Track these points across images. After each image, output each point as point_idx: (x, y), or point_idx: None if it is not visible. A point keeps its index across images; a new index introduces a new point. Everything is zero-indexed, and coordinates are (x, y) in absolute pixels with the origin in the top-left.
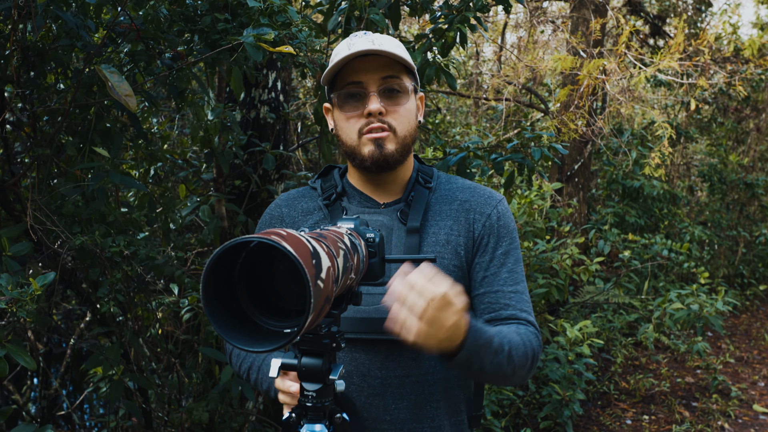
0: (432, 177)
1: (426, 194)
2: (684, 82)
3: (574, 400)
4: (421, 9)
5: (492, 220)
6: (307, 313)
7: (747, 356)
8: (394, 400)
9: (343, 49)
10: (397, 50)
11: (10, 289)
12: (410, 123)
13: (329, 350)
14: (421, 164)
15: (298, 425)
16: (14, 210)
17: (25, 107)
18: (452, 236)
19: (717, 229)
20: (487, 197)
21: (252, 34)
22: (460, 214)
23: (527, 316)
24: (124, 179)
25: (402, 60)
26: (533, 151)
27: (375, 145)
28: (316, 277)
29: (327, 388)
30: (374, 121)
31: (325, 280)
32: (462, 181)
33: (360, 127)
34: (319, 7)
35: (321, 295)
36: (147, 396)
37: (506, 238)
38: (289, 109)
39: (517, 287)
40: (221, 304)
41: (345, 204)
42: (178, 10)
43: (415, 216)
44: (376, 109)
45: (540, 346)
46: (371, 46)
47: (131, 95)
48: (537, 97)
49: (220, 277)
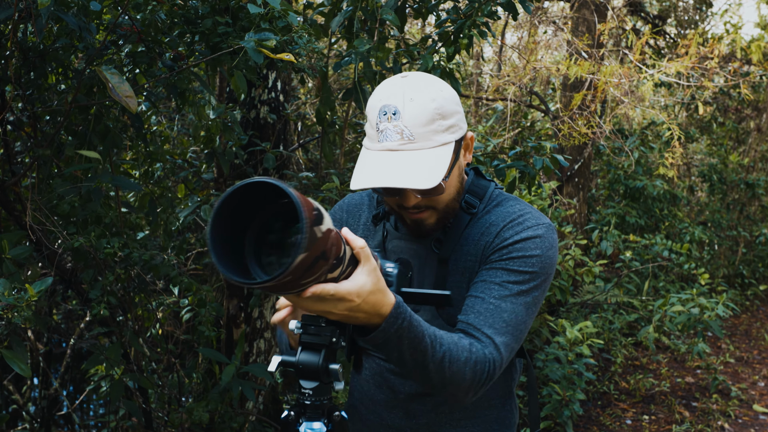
0: (482, 198)
1: (466, 220)
2: (688, 84)
3: (574, 400)
4: (426, 12)
5: (508, 242)
6: (298, 248)
7: (747, 356)
8: (415, 416)
9: (372, 136)
10: (430, 138)
11: (6, 295)
12: (452, 195)
13: (329, 344)
14: (477, 179)
15: (297, 423)
16: (14, 210)
17: (25, 107)
18: (471, 262)
19: (717, 229)
20: (519, 222)
21: (254, 39)
22: (483, 238)
23: (493, 334)
24: (117, 180)
25: (440, 168)
26: (535, 161)
27: (414, 223)
28: (313, 222)
29: (324, 387)
30: (411, 207)
31: (324, 234)
32: (513, 204)
33: (398, 202)
34: (320, 8)
35: (316, 242)
36: (147, 396)
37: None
38: (290, 109)
39: (502, 303)
40: (225, 238)
41: (389, 226)
42: (179, 12)
43: (448, 245)
44: (412, 204)
45: (491, 373)
46: (399, 147)
47: (132, 96)
48: (538, 98)
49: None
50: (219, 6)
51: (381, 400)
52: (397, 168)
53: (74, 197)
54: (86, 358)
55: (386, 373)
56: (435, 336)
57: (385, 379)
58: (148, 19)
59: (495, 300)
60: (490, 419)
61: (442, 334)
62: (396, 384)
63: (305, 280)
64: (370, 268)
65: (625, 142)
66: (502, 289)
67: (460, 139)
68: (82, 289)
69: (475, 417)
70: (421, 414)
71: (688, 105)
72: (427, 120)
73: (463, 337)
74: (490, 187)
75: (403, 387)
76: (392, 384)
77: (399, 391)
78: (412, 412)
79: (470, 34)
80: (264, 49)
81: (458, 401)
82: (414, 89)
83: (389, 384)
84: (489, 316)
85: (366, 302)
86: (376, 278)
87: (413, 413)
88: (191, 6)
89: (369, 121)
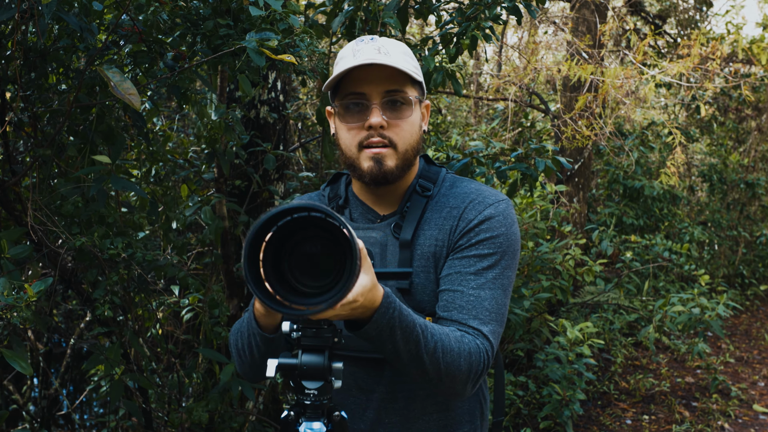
0: (436, 182)
1: (422, 203)
2: (689, 84)
3: (574, 400)
4: (426, 11)
5: (473, 224)
6: (352, 274)
7: (747, 356)
8: (387, 415)
9: (347, 55)
10: (404, 60)
11: (6, 295)
12: (412, 136)
13: (331, 345)
14: (428, 166)
15: (297, 423)
16: (14, 210)
17: (26, 108)
18: (437, 247)
19: (717, 229)
20: (479, 201)
21: (255, 39)
22: (446, 222)
23: (479, 325)
24: (126, 184)
25: (408, 71)
26: (537, 163)
27: (374, 161)
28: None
29: (327, 386)
30: (375, 134)
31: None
32: (467, 184)
33: (360, 140)
34: (321, 8)
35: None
36: (147, 396)
37: (488, 243)
38: (290, 110)
39: (481, 292)
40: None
41: (346, 217)
42: (180, 12)
43: (408, 229)
44: (377, 123)
45: (486, 362)
46: (376, 56)
47: (135, 94)
48: (539, 98)
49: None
50: (220, 8)
51: (350, 403)
52: (372, 59)
53: (78, 198)
54: (86, 358)
55: (358, 373)
56: (425, 326)
57: (355, 380)
58: (150, 20)
59: (474, 291)
60: (462, 411)
61: (433, 325)
62: (367, 384)
63: None
64: (368, 265)
65: (624, 142)
66: (478, 277)
67: (420, 97)
68: (83, 289)
69: (448, 410)
70: (393, 412)
71: (688, 105)
72: (402, 50)
73: (453, 330)
74: (442, 171)
75: (376, 386)
76: (363, 385)
77: (371, 390)
78: (384, 411)
79: (474, 35)
80: (265, 50)
81: (458, 395)
82: (383, 39)
83: (359, 386)
84: (471, 308)
85: (366, 299)
86: (372, 274)
87: (386, 412)
88: (193, 7)
89: (342, 57)
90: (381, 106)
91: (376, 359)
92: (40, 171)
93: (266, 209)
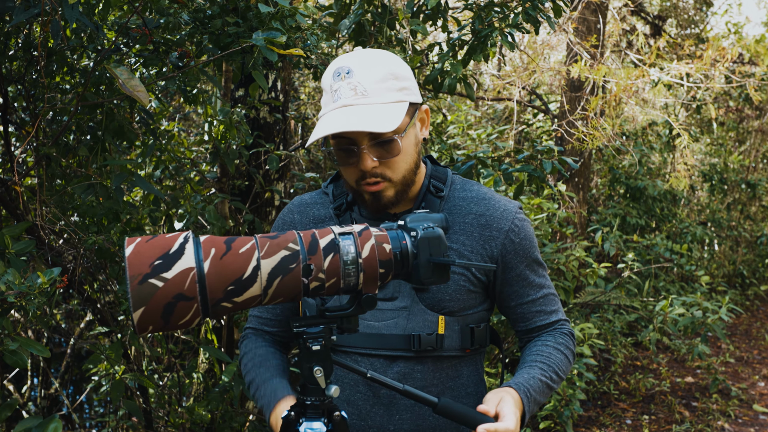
0: (445, 183)
1: (437, 204)
2: (693, 85)
3: (574, 400)
4: (436, 17)
5: (511, 237)
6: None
7: (747, 356)
8: (398, 411)
9: (327, 90)
10: (382, 92)
11: (18, 284)
12: (407, 164)
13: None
14: (434, 166)
15: (297, 423)
16: (16, 209)
17: (28, 106)
18: (465, 252)
19: (718, 229)
20: (503, 210)
21: (263, 37)
22: (475, 230)
23: (558, 316)
24: (148, 186)
25: (385, 118)
26: (544, 164)
27: (373, 196)
28: (145, 276)
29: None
30: (368, 175)
31: (171, 279)
32: (477, 189)
33: (356, 178)
34: (329, 10)
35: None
36: (147, 396)
37: (529, 249)
38: (292, 110)
39: (542, 291)
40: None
41: (355, 215)
42: (189, 12)
43: None
44: (368, 168)
45: (574, 340)
46: (352, 99)
47: (143, 90)
48: (539, 99)
49: None
50: (228, 6)
51: (359, 399)
52: (351, 117)
53: (92, 197)
54: (86, 358)
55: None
56: (544, 368)
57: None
58: (172, 22)
59: (541, 292)
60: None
61: (542, 358)
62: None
63: None
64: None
65: (626, 141)
66: (538, 279)
67: (415, 106)
68: (83, 288)
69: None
70: (403, 408)
71: (688, 105)
72: (379, 77)
73: (548, 339)
74: (448, 172)
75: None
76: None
77: (378, 388)
78: (394, 406)
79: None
80: (273, 47)
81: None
82: (366, 54)
83: (366, 383)
84: (547, 309)
85: (517, 418)
86: (516, 417)
87: (396, 408)
88: (200, 6)
89: (324, 91)
90: (370, 148)
91: (385, 355)
92: (45, 170)
93: (268, 209)
